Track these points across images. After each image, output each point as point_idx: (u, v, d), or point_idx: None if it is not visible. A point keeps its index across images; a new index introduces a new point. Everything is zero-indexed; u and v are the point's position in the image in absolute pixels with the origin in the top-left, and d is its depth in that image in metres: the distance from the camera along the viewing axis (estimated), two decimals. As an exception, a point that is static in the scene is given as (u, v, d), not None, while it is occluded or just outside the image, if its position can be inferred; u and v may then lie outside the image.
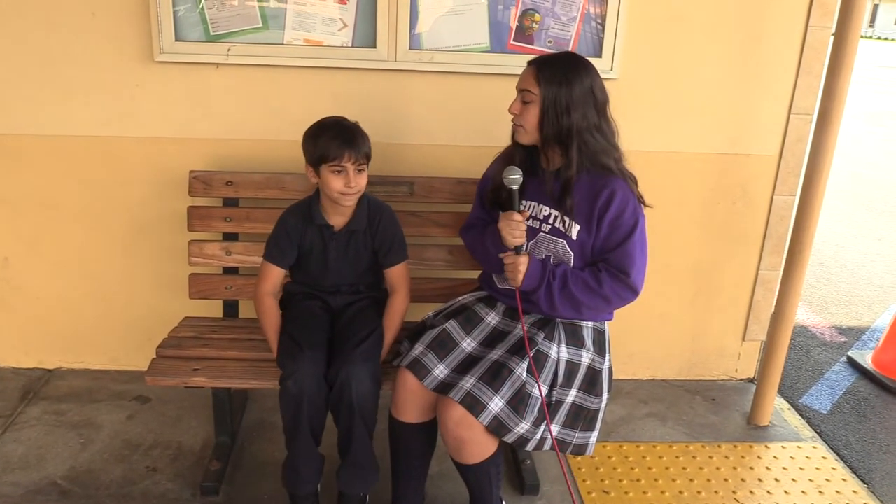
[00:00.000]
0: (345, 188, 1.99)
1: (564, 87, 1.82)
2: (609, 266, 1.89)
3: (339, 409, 1.95)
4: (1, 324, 2.79)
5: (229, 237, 2.47)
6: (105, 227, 2.66)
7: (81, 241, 2.68)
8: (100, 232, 2.67)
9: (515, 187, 1.90)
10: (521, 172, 1.89)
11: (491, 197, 2.05)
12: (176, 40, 2.42)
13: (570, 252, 1.91)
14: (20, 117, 2.52)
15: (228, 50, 2.44)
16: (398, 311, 2.14)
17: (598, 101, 1.87)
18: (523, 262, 1.89)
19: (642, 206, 1.92)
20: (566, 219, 1.90)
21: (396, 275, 2.16)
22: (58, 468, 2.30)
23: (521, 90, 1.89)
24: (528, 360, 1.86)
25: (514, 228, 1.90)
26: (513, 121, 1.94)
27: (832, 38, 2.42)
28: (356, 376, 1.92)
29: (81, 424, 2.53)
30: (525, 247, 1.92)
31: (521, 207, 1.95)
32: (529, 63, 1.90)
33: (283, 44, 2.46)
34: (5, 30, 2.41)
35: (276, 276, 2.13)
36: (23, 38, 2.42)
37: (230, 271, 2.49)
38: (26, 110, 2.51)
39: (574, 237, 1.90)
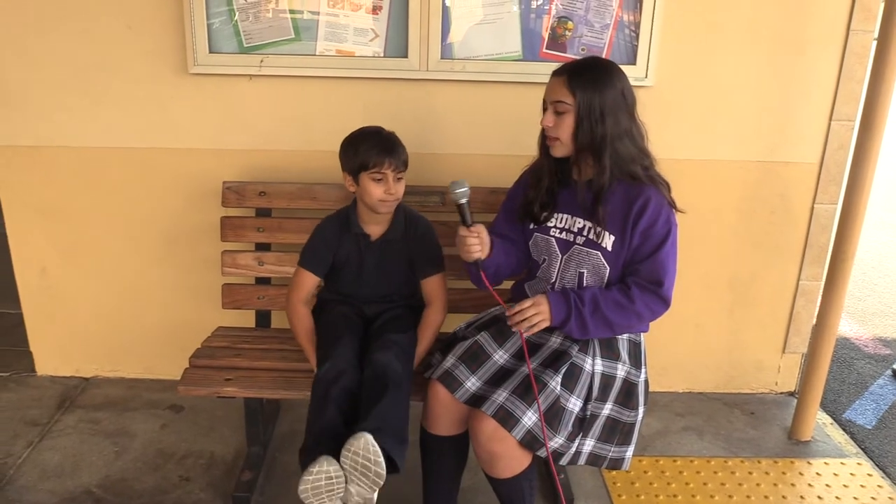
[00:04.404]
0: (385, 195, 2.00)
1: (597, 93, 1.79)
2: (639, 279, 1.85)
3: (371, 385, 1.90)
4: (39, 333, 2.84)
5: (262, 247, 2.48)
6: (140, 238, 2.70)
7: (117, 251, 2.71)
8: (135, 242, 2.70)
9: (462, 201, 1.86)
10: (467, 186, 1.85)
11: (521, 212, 2.03)
12: (210, 52, 2.44)
13: (606, 264, 1.88)
14: (57, 129, 2.56)
15: (261, 61, 2.45)
16: (433, 323, 2.13)
17: (628, 105, 1.83)
18: (543, 301, 1.85)
19: (675, 211, 1.88)
20: (599, 229, 1.86)
21: (432, 286, 2.15)
22: (92, 476, 2.33)
23: (554, 101, 1.84)
24: (561, 373, 1.83)
25: (460, 244, 1.88)
26: (547, 133, 1.89)
27: (874, 43, 2.36)
28: (386, 357, 1.91)
29: (116, 433, 2.55)
30: (486, 265, 1.89)
31: (472, 222, 1.89)
32: (556, 73, 1.86)
33: (315, 55, 2.47)
34: (43, 43, 2.46)
35: (309, 283, 2.13)
36: (60, 50, 2.47)
37: (262, 281, 2.50)
38: (63, 122, 2.55)
39: (609, 248, 1.86)
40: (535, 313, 1.84)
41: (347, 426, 1.84)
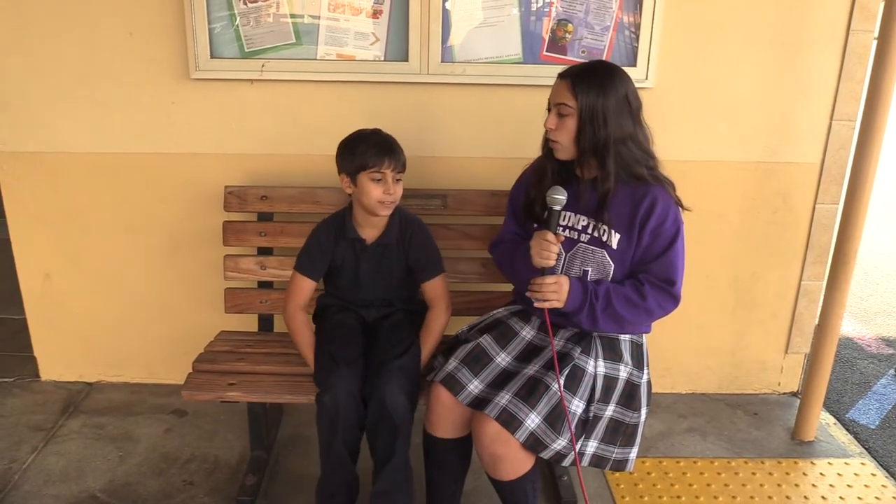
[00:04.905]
0: (384, 196, 2.00)
1: (601, 97, 1.78)
2: (652, 277, 1.86)
3: (376, 427, 1.94)
4: (43, 338, 2.85)
5: (264, 251, 2.48)
6: (143, 243, 2.70)
7: (120, 256, 2.72)
8: (138, 247, 2.71)
9: (557, 208, 1.85)
10: (566, 194, 1.85)
11: (525, 212, 2.03)
12: (211, 57, 2.45)
13: (611, 262, 1.88)
14: (59, 135, 2.57)
15: (263, 66, 2.46)
16: (437, 326, 2.13)
17: (632, 109, 1.83)
18: (565, 285, 1.85)
19: (682, 210, 1.89)
20: (605, 228, 1.86)
21: (434, 289, 2.15)
22: (97, 481, 2.33)
23: (557, 104, 1.84)
24: (564, 375, 1.83)
25: (543, 248, 1.85)
26: (548, 136, 1.90)
27: (875, 43, 2.36)
28: (391, 394, 1.91)
29: (120, 437, 2.56)
30: (552, 271, 1.89)
31: (559, 230, 1.90)
32: (561, 76, 1.86)
33: (316, 59, 2.47)
34: (45, 49, 2.46)
35: (306, 288, 2.14)
36: (62, 57, 2.47)
37: (265, 285, 2.50)
38: (65, 128, 2.56)
39: (614, 247, 1.87)
40: (553, 292, 1.85)
41: (356, 455, 2.01)
